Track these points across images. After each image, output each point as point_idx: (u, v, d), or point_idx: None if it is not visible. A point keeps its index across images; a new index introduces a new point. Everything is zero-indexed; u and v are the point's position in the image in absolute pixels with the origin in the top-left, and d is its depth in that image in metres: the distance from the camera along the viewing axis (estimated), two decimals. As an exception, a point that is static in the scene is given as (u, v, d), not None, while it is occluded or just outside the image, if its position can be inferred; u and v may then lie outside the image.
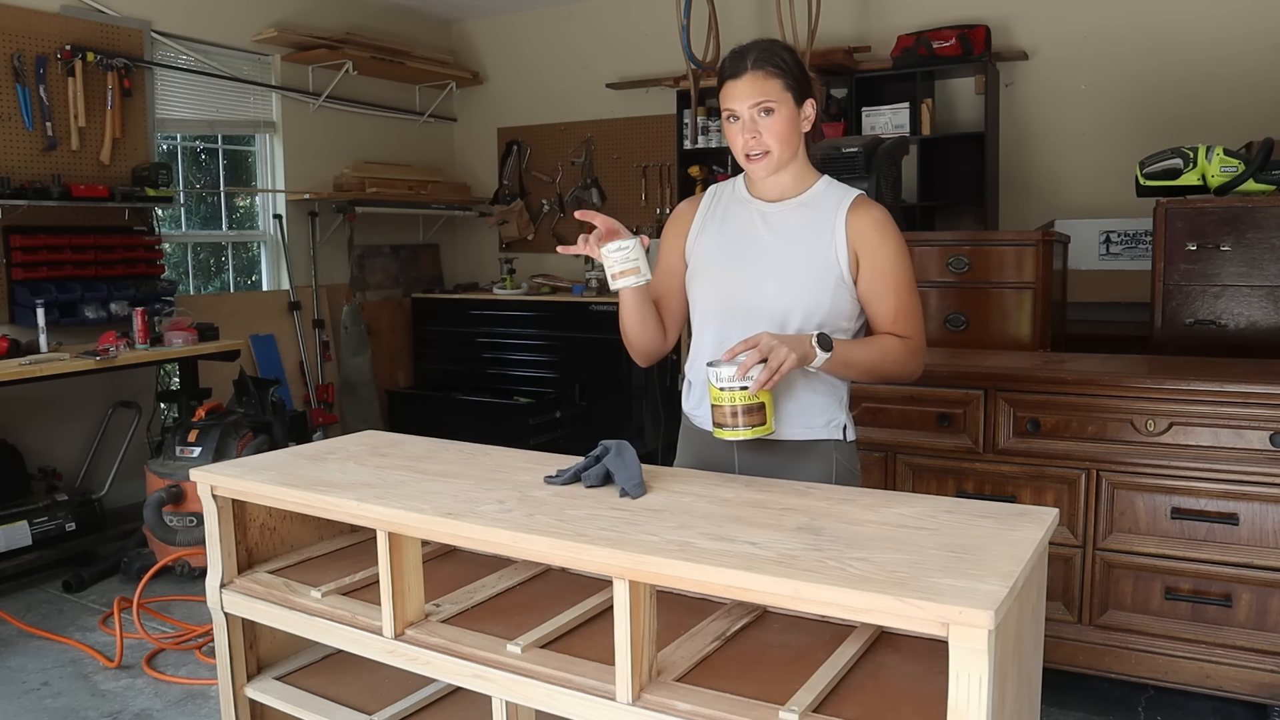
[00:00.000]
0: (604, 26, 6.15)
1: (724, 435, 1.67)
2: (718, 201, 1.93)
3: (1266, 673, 2.39)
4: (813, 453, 1.83)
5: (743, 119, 1.75)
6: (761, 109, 1.74)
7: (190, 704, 2.82)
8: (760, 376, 1.61)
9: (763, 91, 1.73)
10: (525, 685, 1.42)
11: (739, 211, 1.88)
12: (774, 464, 1.82)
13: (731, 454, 1.86)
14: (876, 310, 1.80)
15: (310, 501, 1.69)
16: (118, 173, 4.66)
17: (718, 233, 1.88)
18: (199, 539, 3.62)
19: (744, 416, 1.64)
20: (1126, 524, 2.52)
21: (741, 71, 1.75)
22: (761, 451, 1.82)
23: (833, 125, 5.16)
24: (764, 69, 1.74)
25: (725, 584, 1.25)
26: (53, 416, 4.49)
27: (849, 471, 1.85)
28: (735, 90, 1.75)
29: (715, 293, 1.85)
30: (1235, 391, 2.36)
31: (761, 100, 1.73)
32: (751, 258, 1.82)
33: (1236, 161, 3.07)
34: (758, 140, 1.75)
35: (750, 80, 1.74)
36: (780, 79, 1.74)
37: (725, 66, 1.78)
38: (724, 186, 1.96)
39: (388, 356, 6.40)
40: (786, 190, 1.84)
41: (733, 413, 1.64)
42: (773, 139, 1.75)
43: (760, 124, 1.74)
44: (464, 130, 6.88)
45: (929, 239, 3.49)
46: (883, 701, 1.31)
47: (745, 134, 1.76)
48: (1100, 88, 4.85)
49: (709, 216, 1.91)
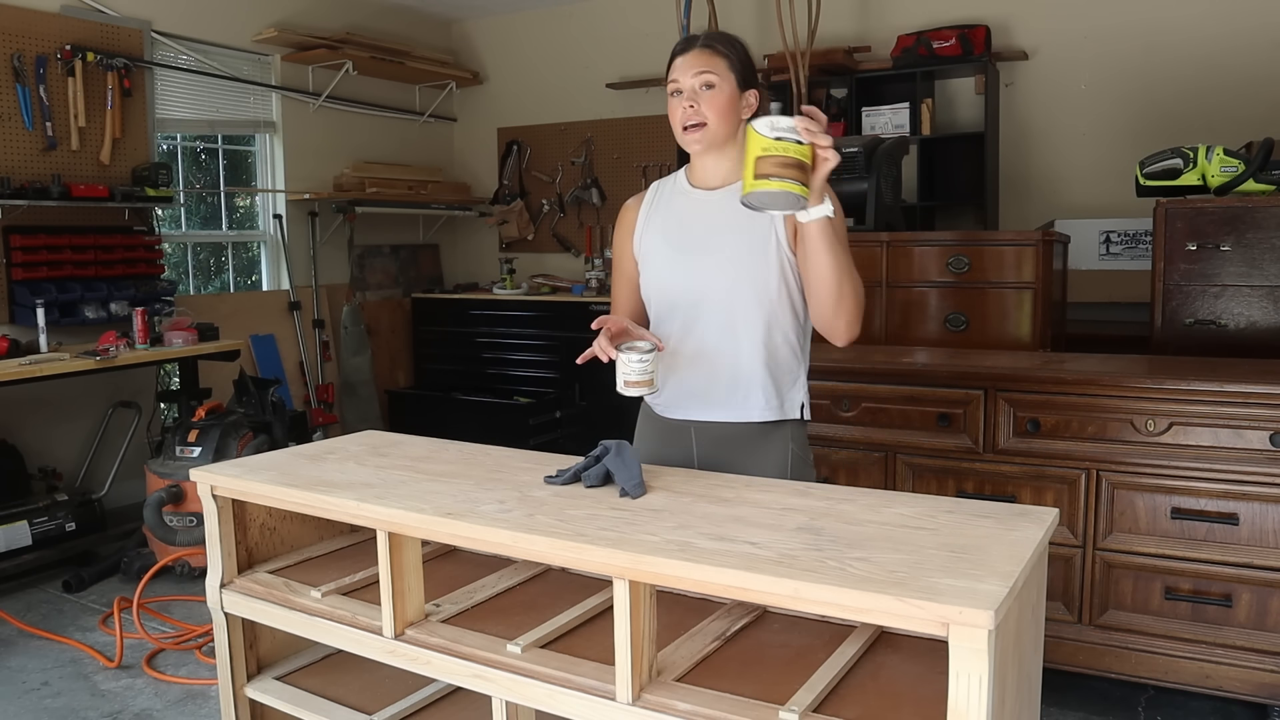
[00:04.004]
0: (604, 26, 6.15)
1: (766, 186, 1.54)
2: (660, 196, 1.96)
3: (1266, 673, 2.39)
4: (773, 435, 1.85)
5: (685, 91, 1.80)
6: (703, 82, 1.78)
7: (190, 704, 2.82)
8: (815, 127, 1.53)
9: (707, 64, 1.79)
10: (525, 685, 1.42)
11: (681, 203, 1.91)
12: (732, 449, 1.84)
13: (689, 439, 1.89)
14: None
15: (310, 501, 1.69)
16: (118, 173, 4.66)
17: (662, 225, 1.91)
18: (199, 539, 3.62)
19: (788, 169, 1.53)
20: (1126, 524, 2.52)
21: (690, 47, 1.81)
22: (720, 436, 1.86)
23: (833, 125, 5.15)
24: (712, 47, 1.80)
25: (725, 584, 1.25)
26: (53, 416, 4.49)
27: (802, 458, 1.88)
28: (682, 63, 1.81)
29: (665, 284, 1.89)
30: (1235, 391, 2.36)
31: (704, 71, 1.78)
32: (696, 246, 1.84)
33: (1236, 161, 3.07)
34: (696, 111, 1.79)
35: (696, 54, 1.80)
36: (725, 59, 1.80)
37: (676, 46, 1.85)
38: (665, 181, 1.98)
39: (388, 356, 6.40)
40: (727, 177, 1.86)
41: (783, 164, 1.53)
42: (711, 111, 1.78)
43: (700, 96, 1.79)
44: (464, 130, 6.88)
45: (929, 239, 3.49)
46: (883, 701, 1.31)
47: (685, 104, 1.80)
48: (1100, 87, 4.85)
49: (652, 212, 1.94)
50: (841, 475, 2.85)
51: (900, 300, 3.44)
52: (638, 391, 1.74)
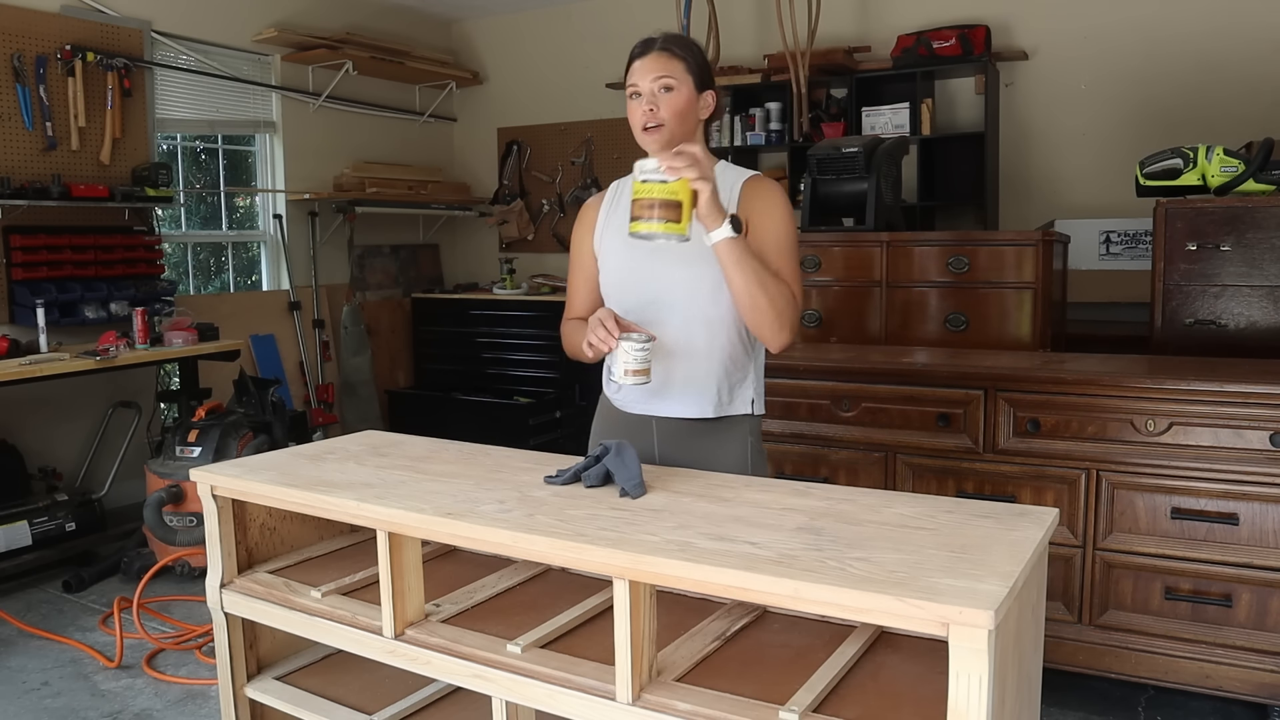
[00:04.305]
0: (604, 26, 6.15)
1: (638, 228, 1.69)
2: (620, 195, 2.00)
3: (1266, 673, 2.39)
4: (732, 430, 1.91)
5: (644, 94, 1.85)
6: (662, 85, 1.83)
7: (190, 704, 2.82)
8: (677, 163, 1.64)
9: (665, 68, 1.84)
10: (525, 685, 1.42)
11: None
12: (693, 444, 1.89)
13: (651, 433, 1.93)
14: None
15: (310, 501, 1.69)
16: (118, 173, 4.66)
17: (621, 225, 1.93)
18: (199, 539, 3.62)
19: (658, 210, 1.66)
20: (1126, 524, 2.52)
21: (649, 51, 1.86)
22: (679, 431, 1.90)
23: (833, 125, 5.17)
24: (669, 51, 1.85)
25: (725, 584, 1.25)
26: (53, 416, 4.49)
27: (759, 452, 1.96)
28: (640, 66, 1.86)
29: (623, 282, 1.93)
30: (1235, 391, 2.36)
31: (663, 75, 1.83)
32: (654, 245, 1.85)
33: (1236, 161, 3.07)
34: (655, 113, 1.84)
35: (655, 58, 1.85)
36: (683, 62, 1.85)
37: (634, 49, 1.89)
38: (625, 181, 2.01)
39: (388, 356, 6.40)
40: None
41: (649, 205, 1.66)
42: (669, 113, 1.83)
43: (659, 99, 1.83)
44: (464, 130, 6.88)
45: (929, 239, 3.49)
46: (883, 701, 1.31)
47: (644, 106, 1.84)
48: (1100, 88, 4.85)
49: (612, 211, 1.98)
50: (841, 475, 2.85)
51: (900, 300, 3.44)
52: (638, 380, 1.77)
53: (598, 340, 1.77)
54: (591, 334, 1.78)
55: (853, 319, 3.53)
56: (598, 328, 1.77)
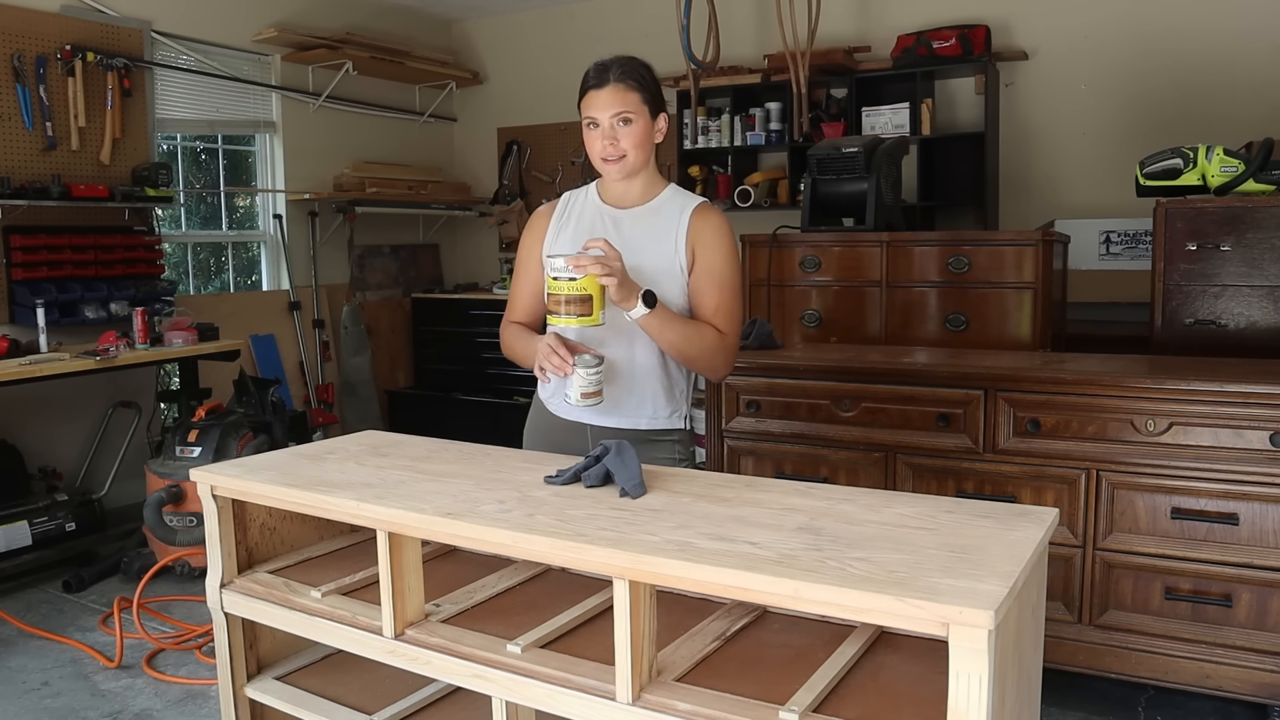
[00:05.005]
0: (604, 26, 6.14)
1: (554, 322, 1.82)
2: (571, 208, 2.07)
3: (1266, 673, 2.39)
4: (661, 440, 2.02)
5: (602, 126, 1.93)
6: (621, 118, 1.92)
7: (190, 704, 2.82)
8: (583, 261, 1.74)
9: (623, 103, 1.92)
10: (525, 685, 1.42)
11: (592, 217, 2.03)
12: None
13: (585, 439, 2.00)
14: (700, 303, 1.97)
15: (310, 501, 1.69)
16: (118, 173, 4.66)
17: (571, 238, 2.01)
18: (199, 539, 3.62)
19: (569, 305, 1.78)
20: (1126, 524, 2.52)
21: (605, 83, 1.93)
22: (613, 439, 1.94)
23: (833, 125, 5.17)
24: (625, 82, 1.92)
25: (725, 584, 1.25)
26: (53, 416, 4.49)
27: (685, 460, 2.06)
28: (598, 99, 1.93)
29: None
30: (1235, 391, 2.36)
31: (621, 110, 1.92)
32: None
33: (1236, 161, 3.07)
34: (615, 146, 1.93)
35: (612, 91, 1.92)
36: (639, 93, 1.93)
37: (589, 77, 1.96)
38: (577, 194, 2.10)
39: (388, 356, 6.40)
40: (637, 197, 2.01)
41: (563, 301, 1.78)
42: (629, 145, 1.93)
43: (619, 131, 1.93)
44: (464, 130, 6.88)
45: (928, 239, 3.49)
46: (883, 701, 1.31)
47: (604, 140, 1.93)
48: (1100, 87, 4.85)
49: (563, 223, 2.05)
50: (841, 475, 2.85)
51: (900, 300, 3.44)
52: (592, 403, 1.86)
53: (552, 368, 1.84)
54: (545, 361, 1.85)
55: (852, 319, 3.54)
56: (551, 356, 1.84)
